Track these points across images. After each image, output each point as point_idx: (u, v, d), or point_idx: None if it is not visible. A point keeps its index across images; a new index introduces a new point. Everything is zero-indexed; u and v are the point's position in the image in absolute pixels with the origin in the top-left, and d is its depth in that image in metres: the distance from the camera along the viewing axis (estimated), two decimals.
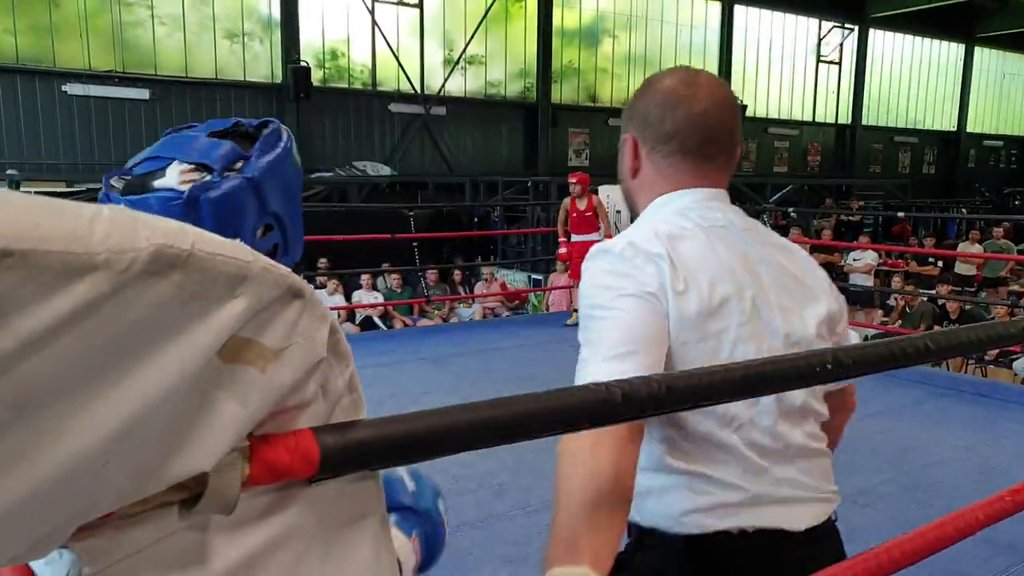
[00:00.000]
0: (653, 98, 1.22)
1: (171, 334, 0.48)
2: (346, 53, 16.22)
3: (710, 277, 1.12)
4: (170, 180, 0.86)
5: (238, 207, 0.88)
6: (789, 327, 1.17)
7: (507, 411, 0.70)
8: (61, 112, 13.09)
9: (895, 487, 3.85)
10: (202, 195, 0.85)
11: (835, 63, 25.05)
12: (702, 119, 1.19)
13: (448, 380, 5.48)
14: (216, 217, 0.85)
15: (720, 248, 1.16)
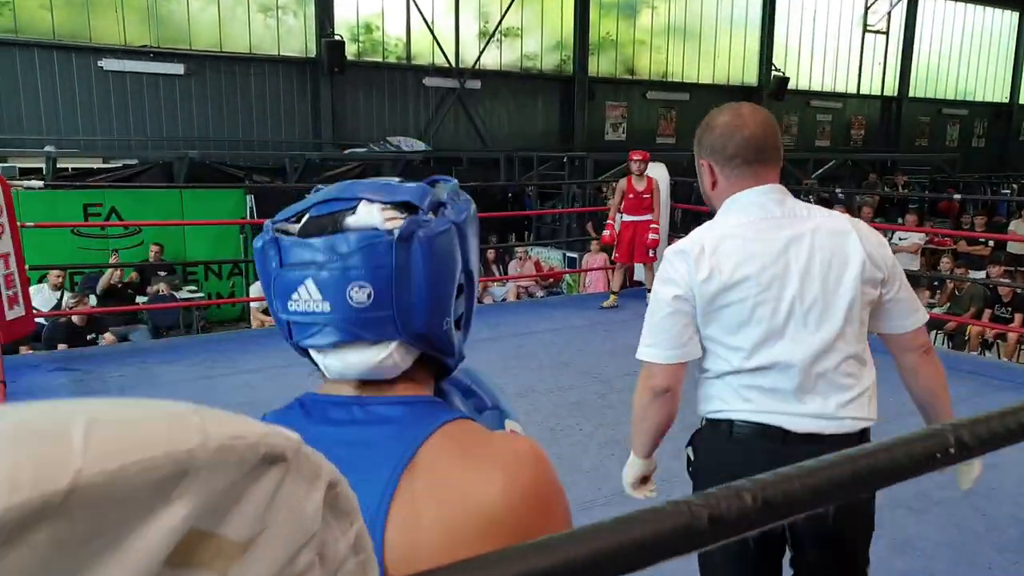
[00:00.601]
0: (714, 133, 1.74)
1: None
2: (380, 26, 16.04)
3: (735, 263, 1.64)
4: (370, 219, 0.79)
5: (450, 249, 0.82)
6: (804, 292, 1.65)
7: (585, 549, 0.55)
8: (97, 88, 13.13)
9: (954, 492, 3.62)
10: (417, 232, 0.79)
11: (882, 32, 24.26)
12: (752, 139, 1.70)
13: (480, 366, 5.27)
14: (433, 257, 0.80)
15: (756, 238, 1.67)
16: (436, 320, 0.81)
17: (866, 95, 24.45)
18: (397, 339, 0.80)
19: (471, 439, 0.79)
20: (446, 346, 0.85)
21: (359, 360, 0.81)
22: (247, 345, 5.84)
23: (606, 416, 4.40)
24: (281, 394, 2.85)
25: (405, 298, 0.79)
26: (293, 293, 0.79)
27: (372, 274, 0.77)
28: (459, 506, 0.73)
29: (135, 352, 5.62)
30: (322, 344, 0.80)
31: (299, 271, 0.78)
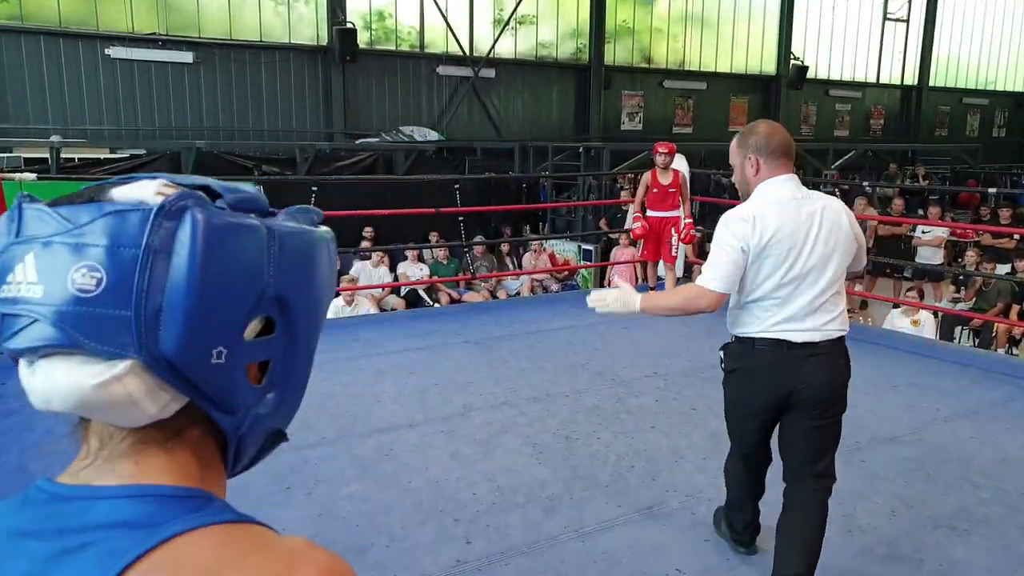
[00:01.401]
0: (760, 135, 2.54)
1: None
2: (393, 14, 15.78)
3: (774, 229, 2.42)
4: (139, 192, 0.58)
5: (247, 253, 0.58)
6: (816, 250, 2.45)
7: None
8: (104, 76, 12.94)
9: (999, 508, 3.38)
10: (192, 208, 0.56)
11: (902, 21, 23.84)
12: (784, 141, 2.54)
13: (494, 367, 5.12)
14: (210, 249, 0.56)
15: (784, 212, 2.45)
16: (200, 344, 0.56)
17: (886, 84, 24.07)
18: (132, 355, 0.55)
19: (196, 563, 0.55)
20: (220, 392, 0.59)
21: (69, 380, 0.56)
22: None
23: (624, 424, 4.17)
24: None
25: (154, 297, 0.55)
26: (11, 273, 0.57)
27: (110, 255, 0.55)
28: None
29: None
30: (24, 347, 0.56)
31: (26, 244, 0.56)
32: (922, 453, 3.85)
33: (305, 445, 3.78)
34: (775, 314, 2.48)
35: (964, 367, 5.35)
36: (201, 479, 0.62)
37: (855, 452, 3.83)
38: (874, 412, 4.40)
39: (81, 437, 0.63)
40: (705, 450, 3.83)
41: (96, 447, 0.61)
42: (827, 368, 2.52)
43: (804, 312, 2.47)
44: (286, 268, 0.61)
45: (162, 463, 0.60)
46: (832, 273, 2.48)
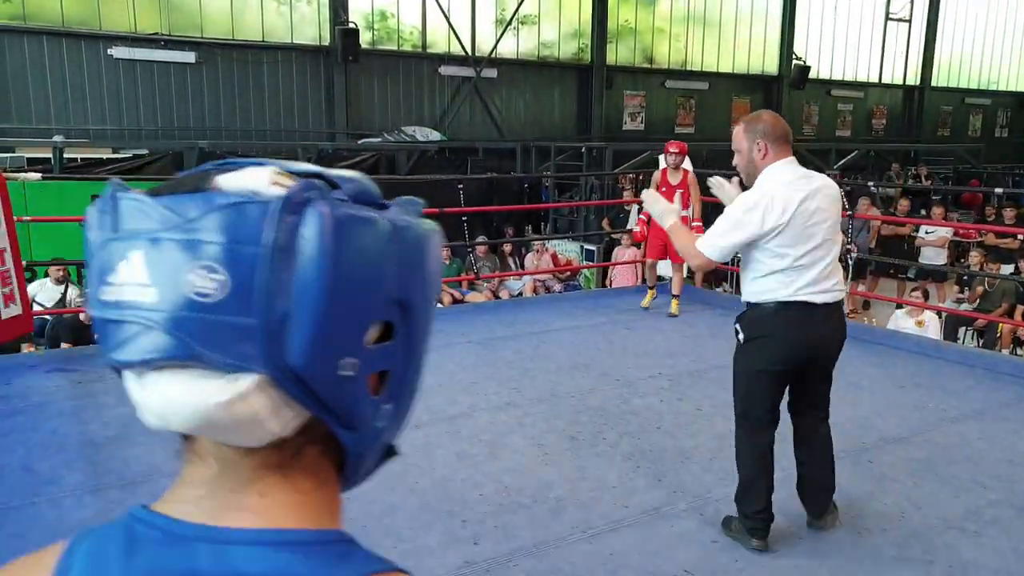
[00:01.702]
0: (766, 123, 2.82)
1: None
2: (395, 14, 15.77)
3: (794, 207, 2.71)
4: (251, 181, 0.51)
5: (373, 252, 0.52)
6: (825, 222, 2.78)
7: None
8: (106, 76, 12.93)
9: (1008, 509, 3.37)
10: (316, 201, 0.49)
11: (904, 20, 23.80)
12: (787, 128, 2.85)
13: (498, 368, 5.10)
14: (338, 248, 0.49)
15: (796, 191, 2.73)
16: (328, 354, 0.50)
17: (888, 84, 24.05)
18: (260, 370, 0.49)
19: None
20: (345, 406, 0.53)
21: (188, 399, 0.50)
22: None
23: (630, 424, 4.15)
24: None
25: (280, 304, 0.48)
26: (113, 273, 0.50)
27: (231, 254, 0.48)
28: None
29: None
30: (135, 360, 0.49)
31: (129, 240, 0.49)
32: (930, 454, 3.83)
33: None
34: (797, 280, 2.78)
35: (970, 368, 5.33)
36: (328, 508, 0.57)
37: (863, 453, 3.81)
38: (881, 413, 4.39)
39: (188, 457, 0.56)
40: (712, 451, 3.81)
41: (214, 472, 0.54)
42: (838, 324, 2.92)
43: (821, 277, 2.80)
44: (407, 267, 0.55)
45: (288, 496, 0.54)
46: (837, 242, 2.87)
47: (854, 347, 5.82)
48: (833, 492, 3.08)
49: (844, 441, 3.92)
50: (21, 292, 4.79)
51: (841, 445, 3.87)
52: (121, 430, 3.92)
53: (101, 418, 4.08)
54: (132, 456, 3.61)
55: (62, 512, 3.12)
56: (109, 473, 3.46)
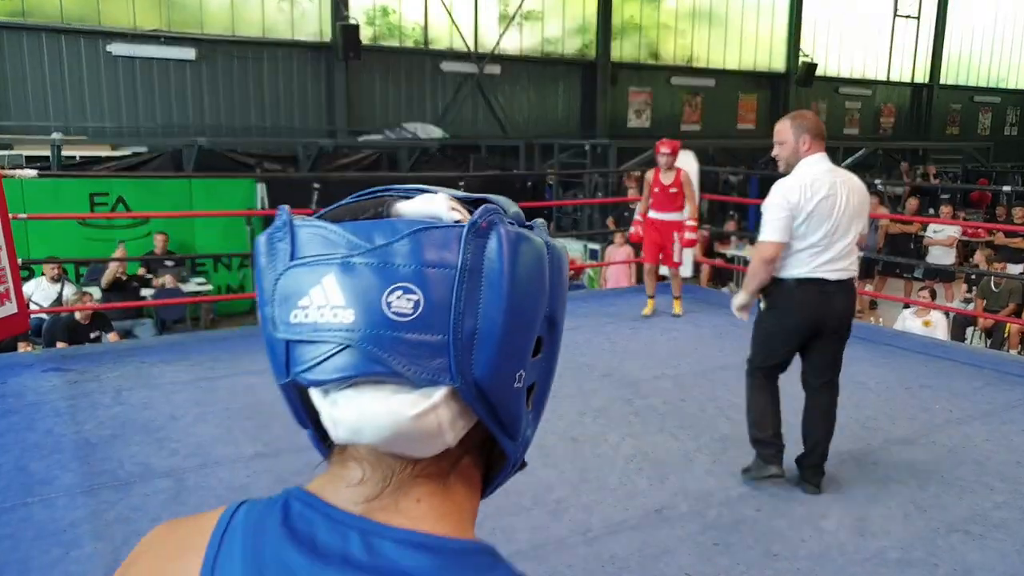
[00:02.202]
0: (809, 121, 3.27)
1: None
2: (397, 10, 15.70)
3: (822, 194, 3.17)
4: (430, 207, 0.56)
5: (540, 271, 0.56)
6: (847, 209, 3.21)
7: None
8: (106, 73, 12.89)
9: (1014, 512, 3.28)
10: (500, 225, 0.53)
11: (913, 17, 23.66)
12: (823, 129, 3.31)
13: None
14: (517, 267, 0.53)
15: (825, 181, 3.19)
16: (508, 367, 0.54)
17: (896, 82, 23.91)
18: (448, 383, 0.52)
19: None
20: (512, 416, 0.57)
21: (384, 412, 0.52)
22: (251, 344, 5.54)
23: (632, 426, 4.08)
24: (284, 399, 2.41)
25: (468, 321, 0.52)
26: (303, 297, 0.53)
27: (423, 276, 0.51)
28: None
29: (134, 351, 5.34)
30: (332, 378, 0.52)
31: (317, 266, 0.52)
32: (936, 456, 3.75)
33: (308, 447, 3.66)
34: (815, 260, 3.23)
35: (977, 368, 5.24)
36: (472, 517, 0.60)
37: (868, 455, 3.73)
38: (887, 414, 4.30)
39: (341, 460, 0.58)
40: (715, 452, 3.74)
41: (372, 476, 0.56)
42: (849, 299, 3.33)
43: (837, 257, 3.24)
44: (555, 284, 0.57)
45: (443, 505, 0.57)
46: (854, 228, 3.27)
47: (861, 347, 5.75)
48: (825, 455, 3.39)
49: (849, 443, 3.86)
50: (16, 291, 4.73)
51: (846, 447, 3.81)
52: (117, 430, 3.86)
53: (96, 418, 4.03)
54: (127, 456, 3.56)
55: (55, 513, 3.07)
56: (103, 474, 3.40)
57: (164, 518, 3.29)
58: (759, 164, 16.17)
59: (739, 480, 3.46)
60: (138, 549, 0.64)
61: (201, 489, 3.27)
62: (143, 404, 4.24)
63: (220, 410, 4.17)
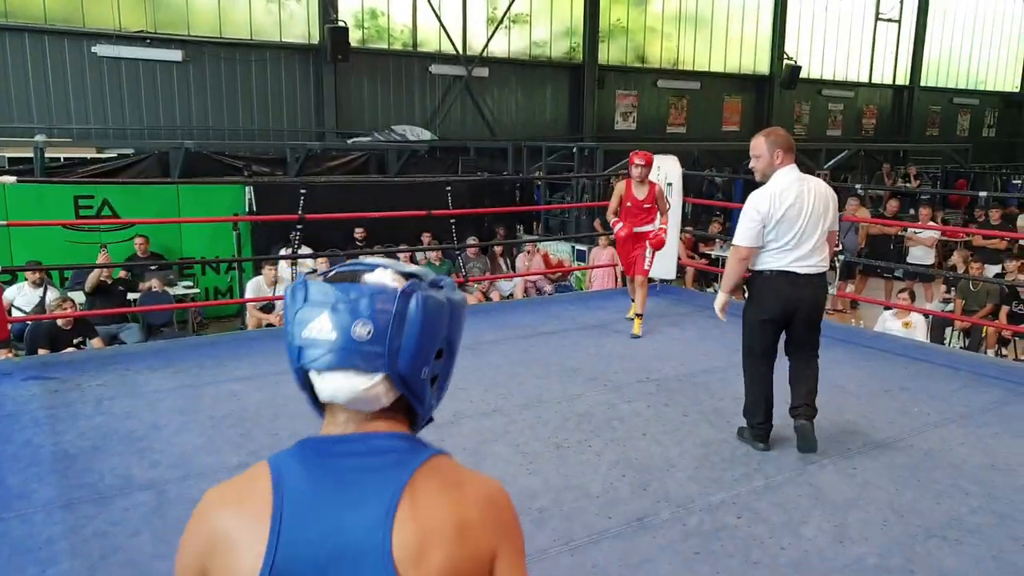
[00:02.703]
0: (780, 136, 3.78)
1: None
2: (386, 12, 15.69)
3: (789, 202, 3.68)
4: (382, 278, 1.01)
5: (440, 315, 1.02)
6: (812, 215, 3.71)
7: None
8: (90, 75, 12.79)
9: (989, 517, 3.34)
10: (418, 292, 1.00)
11: (894, 21, 23.86)
12: (792, 143, 3.80)
13: (486, 372, 5.06)
14: (424, 317, 0.99)
15: (793, 190, 3.70)
16: (417, 365, 1.00)
17: (878, 84, 24.12)
18: (383, 372, 0.98)
19: (449, 470, 1.03)
20: (421, 393, 1.03)
21: (348, 386, 0.99)
22: (238, 349, 5.55)
23: (616, 431, 4.11)
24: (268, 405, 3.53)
25: (396, 340, 0.98)
26: (311, 323, 0.99)
27: (375, 316, 0.97)
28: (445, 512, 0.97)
29: (118, 358, 5.32)
30: (321, 366, 0.99)
31: (318, 307, 0.98)
32: (914, 460, 3.81)
33: None
34: (787, 256, 3.73)
35: (955, 370, 5.32)
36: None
37: (847, 459, 3.79)
38: (866, 417, 4.36)
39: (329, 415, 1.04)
40: (697, 458, 3.78)
41: (345, 419, 1.02)
42: (819, 291, 3.83)
43: (805, 255, 3.73)
44: (453, 321, 1.04)
45: (394, 425, 1.03)
46: (820, 229, 3.74)
47: (842, 349, 5.82)
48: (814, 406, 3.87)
49: (829, 446, 3.91)
50: None
51: (826, 452, 3.87)
52: (98, 441, 3.85)
53: (77, 428, 4.01)
54: (107, 468, 3.54)
55: (32, 528, 3.03)
56: (82, 487, 3.37)
57: (144, 533, 3.26)
58: (744, 166, 16.26)
59: (721, 486, 3.50)
60: (196, 514, 1.01)
61: (182, 502, 3.23)
62: (125, 413, 4.23)
63: (204, 418, 4.17)
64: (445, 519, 0.96)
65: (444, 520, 0.96)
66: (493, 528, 1.00)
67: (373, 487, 0.96)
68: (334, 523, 0.95)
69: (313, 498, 0.96)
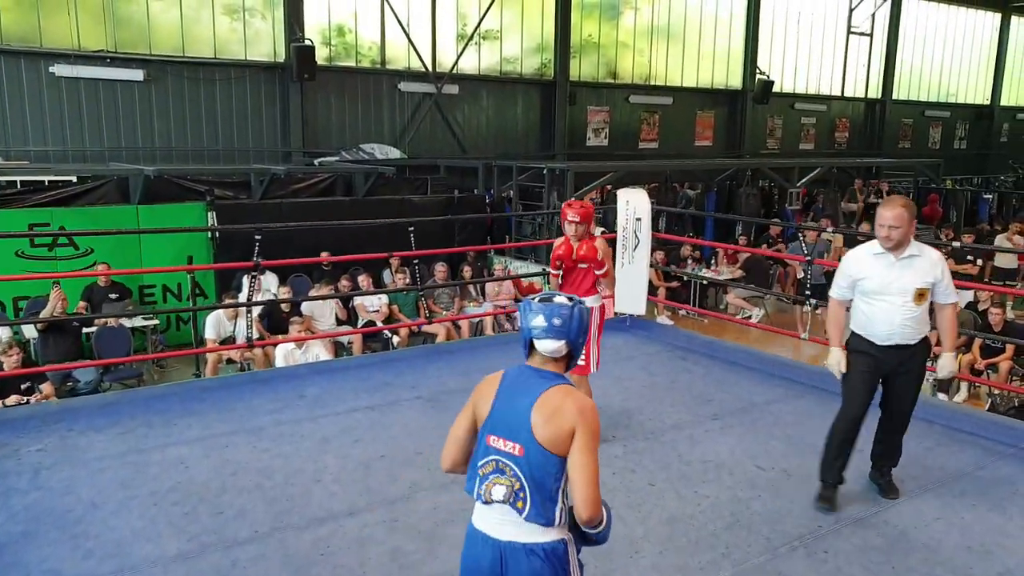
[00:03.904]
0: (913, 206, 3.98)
1: None
2: (353, 29, 15.45)
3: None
4: (561, 299, 2.23)
5: (586, 316, 2.26)
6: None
7: None
8: (48, 95, 12.40)
9: None
10: (577, 305, 2.24)
11: (866, 35, 24.01)
12: None
13: (445, 431, 4.83)
14: (581, 315, 2.21)
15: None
16: (579, 338, 2.21)
17: (850, 97, 24.27)
18: (564, 340, 2.18)
19: (566, 388, 2.16)
20: (577, 351, 2.24)
21: (552, 347, 2.17)
22: (189, 403, 5.32)
23: None
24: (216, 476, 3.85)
25: (569, 325, 2.18)
26: (535, 319, 2.17)
27: (562, 315, 2.18)
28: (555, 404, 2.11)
29: (63, 415, 5.06)
30: (538, 336, 2.17)
31: (537, 312, 2.18)
32: (887, 541, 3.67)
33: (236, 541, 3.50)
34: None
35: (928, 424, 5.19)
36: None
37: (818, 541, 3.64)
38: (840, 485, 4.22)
39: (532, 356, 2.23)
40: (662, 539, 3.61)
41: (541, 360, 2.20)
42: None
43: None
44: (589, 319, 2.53)
45: (556, 366, 2.22)
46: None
47: (813, 396, 5.70)
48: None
49: (799, 526, 3.76)
50: None
51: (796, 531, 3.72)
52: (29, 524, 3.61)
53: (9, 508, 3.76)
54: (35, 561, 3.30)
55: None
56: None
57: None
58: (717, 182, 16.18)
59: (686, 573, 3.35)
60: (481, 383, 2.29)
61: None
62: (64, 488, 4.00)
63: (146, 494, 3.94)
64: (554, 407, 2.10)
65: (553, 408, 2.10)
66: (576, 415, 2.09)
67: (533, 389, 2.14)
68: (515, 401, 2.16)
69: (512, 388, 2.19)
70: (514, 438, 2.12)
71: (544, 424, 2.06)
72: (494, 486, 2.13)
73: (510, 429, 2.12)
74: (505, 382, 2.18)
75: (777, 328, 9.38)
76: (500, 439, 2.14)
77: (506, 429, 2.13)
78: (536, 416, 2.07)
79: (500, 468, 2.13)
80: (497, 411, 2.15)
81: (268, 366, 7.83)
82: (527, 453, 2.10)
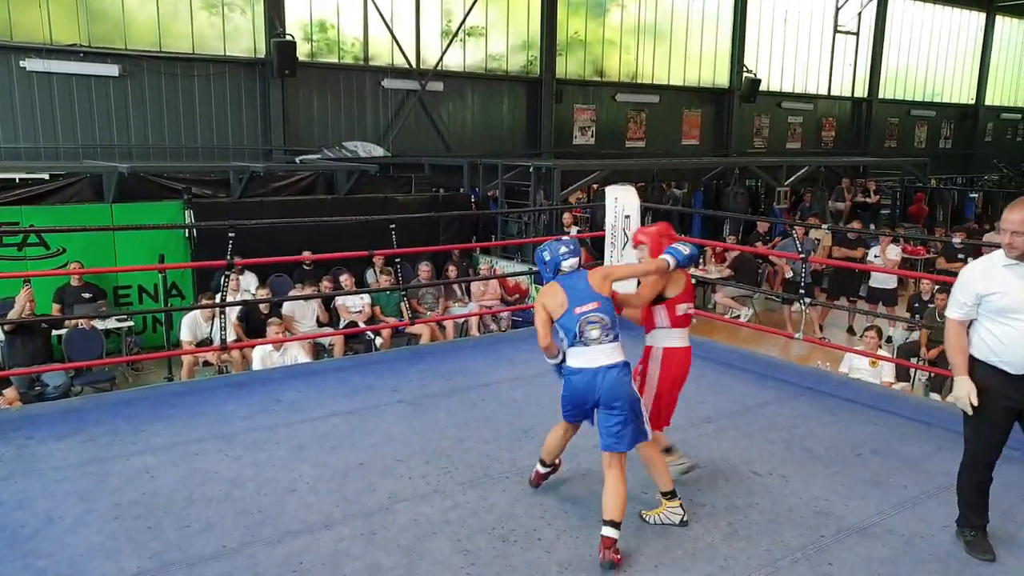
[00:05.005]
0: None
1: None
2: (336, 25, 15.18)
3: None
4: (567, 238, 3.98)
5: None
6: None
7: None
8: (19, 91, 12.08)
9: None
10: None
11: (852, 34, 23.97)
12: None
13: (428, 438, 4.65)
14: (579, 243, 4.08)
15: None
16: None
17: (837, 96, 24.24)
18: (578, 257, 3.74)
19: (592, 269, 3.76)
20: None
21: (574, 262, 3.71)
22: (160, 409, 5.07)
23: (569, 517, 3.72)
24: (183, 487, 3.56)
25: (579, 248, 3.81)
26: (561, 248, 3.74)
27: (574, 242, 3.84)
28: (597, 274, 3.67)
29: (22, 423, 4.80)
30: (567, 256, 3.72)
31: (559, 244, 3.75)
32: (894, 552, 3.47)
33: (202, 558, 3.27)
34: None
35: (927, 427, 5.04)
36: None
37: (821, 552, 3.44)
38: (839, 492, 4.03)
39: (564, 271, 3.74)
40: (657, 554, 3.40)
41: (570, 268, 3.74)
42: None
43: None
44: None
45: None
46: None
47: (807, 398, 5.52)
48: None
49: (799, 536, 3.56)
50: None
51: (797, 542, 3.52)
52: None
53: None
54: None
55: None
56: None
57: None
58: (703, 181, 16.06)
59: None
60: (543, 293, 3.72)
61: None
62: (17, 501, 3.74)
63: (107, 507, 3.70)
64: (596, 277, 3.61)
65: (596, 278, 3.61)
66: (603, 271, 3.68)
67: (582, 276, 3.62)
68: (577, 286, 3.59)
69: (570, 283, 3.61)
70: (591, 300, 3.51)
71: (599, 285, 3.58)
72: (592, 331, 3.44)
73: (587, 297, 3.52)
74: (565, 284, 3.60)
75: (766, 327, 9.22)
76: (584, 305, 3.49)
77: (585, 298, 3.52)
78: (592, 284, 3.58)
79: (591, 320, 3.45)
80: (572, 295, 3.54)
81: (247, 369, 7.58)
82: (601, 304, 3.51)
